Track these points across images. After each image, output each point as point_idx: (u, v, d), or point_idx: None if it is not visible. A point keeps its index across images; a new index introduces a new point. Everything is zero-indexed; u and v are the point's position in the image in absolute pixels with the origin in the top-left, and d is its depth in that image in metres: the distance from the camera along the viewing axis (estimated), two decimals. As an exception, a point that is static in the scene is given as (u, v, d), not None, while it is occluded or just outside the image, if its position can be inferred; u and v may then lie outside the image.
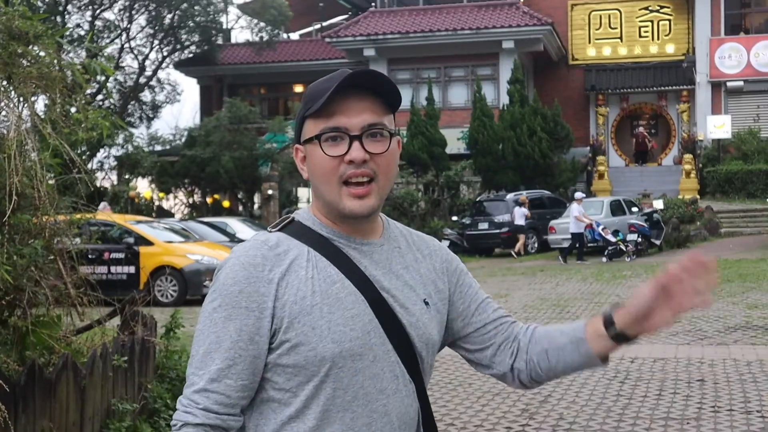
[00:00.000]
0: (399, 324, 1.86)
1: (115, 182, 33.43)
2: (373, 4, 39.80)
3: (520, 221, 25.71)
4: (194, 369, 1.80)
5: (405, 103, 33.20)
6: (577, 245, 22.98)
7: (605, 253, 22.72)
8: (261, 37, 36.80)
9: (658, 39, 36.50)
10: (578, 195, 24.01)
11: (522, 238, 25.74)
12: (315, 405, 1.80)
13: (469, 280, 2.06)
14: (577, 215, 22.77)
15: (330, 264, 1.84)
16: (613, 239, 22.75)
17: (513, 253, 25.54)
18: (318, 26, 43.53)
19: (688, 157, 32.49)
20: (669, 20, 36.49)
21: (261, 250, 1.83)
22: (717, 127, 32.08)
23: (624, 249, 22.61)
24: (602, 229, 22.90)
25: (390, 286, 1.88)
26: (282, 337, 1.79)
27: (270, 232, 1.90)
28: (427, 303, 1.93)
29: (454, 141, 32.10)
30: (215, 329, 1.79)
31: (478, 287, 2.07)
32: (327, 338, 1.78)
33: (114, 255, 16.37)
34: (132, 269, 16.51)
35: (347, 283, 1.83)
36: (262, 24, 36.44)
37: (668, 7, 36.46)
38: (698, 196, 30.46)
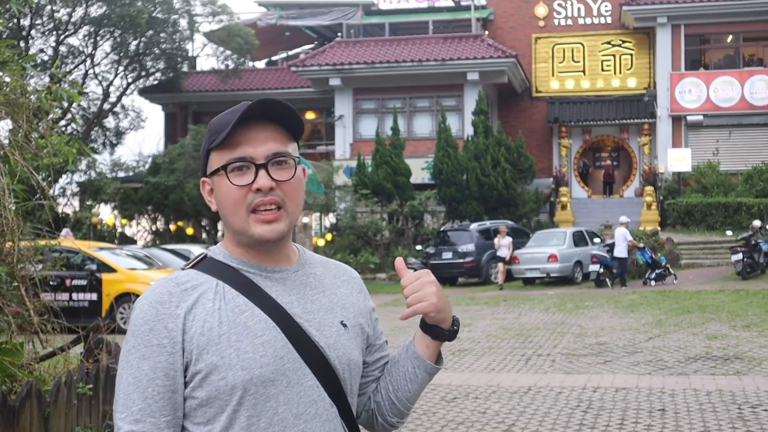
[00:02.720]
0: (315, 347, 1.87)
1: (78, 208, 33.11)
2: (339, 34, 40.02)
3: (503, 252, 24.98)
4: (118, 414, 1.81)
5: (370, 132, 33.60)
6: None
7: (652, 276, 23.08)
8: (227, 65, 36.85)
9: (620, 73, 37.09)
10: (624, 219, 24.10)
11: (502, 267, 25.02)
12: None
13: (376, 316, 2.12)
14: (631, 240, 23.16)
15: (239, 294, 1.86)
16: (663, 262, 23.37)
17: (500, 285, 24.71)
18: (284, 55, 43.66)
19: (649, 189, 32.92)
20: (631, 55, 37.10)
21: (168, 287, 1.85)
22: (677, 160, 32.57)
23: (670, 272, 23.19)
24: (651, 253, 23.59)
25: (304, 310, 1.90)
26: (193, 370, 1.80)
27: (183, 270, 1.92)
28: (344, 324, 1.94)
29: (419, 171, 32.27)
30: (132, 370, 1.80)
31: (381, 328, 2.14)
32: (236, 366, 1.79)
33: (76, 282, 16.21)
34: (94, 296, 16.37)
35: (257, 311, 1.85)
36: (228, 52, 36.49)
37: (630, 42, 37.09)
38: (659, 228, 30.81)
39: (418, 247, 29.65)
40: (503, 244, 25.14)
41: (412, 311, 1.93)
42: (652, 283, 22.92)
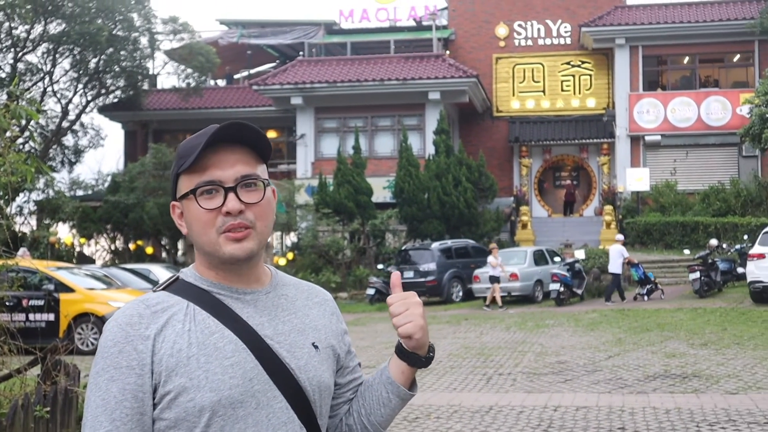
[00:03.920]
0: (286, 369, 1.88)
1: (35, 227, 32.71)
2: (300, 53, 40.06)
3: (493, 271, 23.80)
4: None
5: (331, 151, 33.61)
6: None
7: (643, 292, 23.55)
8: (188, 84, 36.69)
9: (579, 93, 37.51)
10: (620, 237, 24.61)
11: (497, 287, 23.79)
12: None
13: (349, 339, 2.13)
14: (628, 256, 23.76)
15: (209, 316, 1.87)
16: (652, 278, 23.96)
17: (488, 306, 23.61)
18: (245, 73, 43.60)
19: (608, 208, 33.25)
20: (590, 75, 37.56)
21: (138, 309, 1.85)
22: (636, 179, 32.93)
23: (658, 287, 23.79)
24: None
25: (275, 332, 1.90)
26: (162, 391, 1.80)
27: (154, 291, 1.93)
28: (316, 346, 1.96)
29: (380, 190, 32.31)
30: (100, 392, 1.79)
31: (354, 350, 2.14)
32: (205, 387, 1.79)
33: (33, 302, 15.99)
34: (51, 317, 16.15)
35: (227, 332, 1.85)
36: (189, 70, 36.36)
37: (589, 63, 37.55)
38: (618, 247, 31.08)
39: (380, 266, 29.65)
40: (499, 263, 23.93)
41: (399, 332, 1.94)
42: (645, 298, 23.38)
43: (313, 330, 1.98)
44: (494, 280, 23.81)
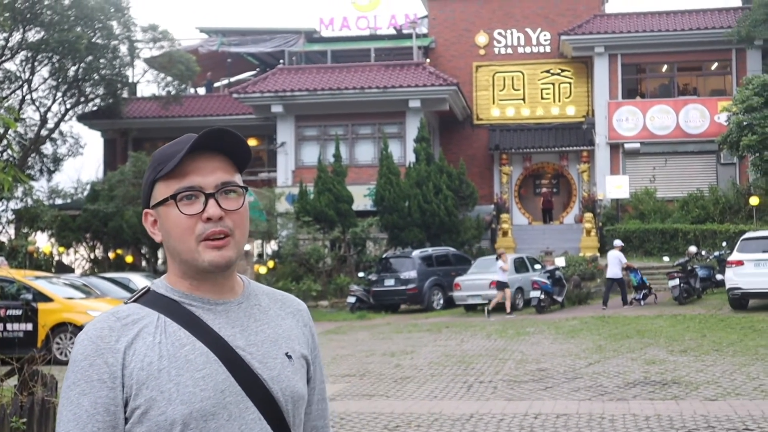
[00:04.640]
0: (258, 380, 1.86)
1: (13, 237, 32.48)
2: (281, 61, 40.04)
3: (502, 276, 23.50)
4: None
5: (312, 159, 33.60)
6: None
7: (639, 297, 23.80)
8: (168, 92, 36.57)
9: (559, 101, 37.67)
10: (618, 242, 24.80)
11: (509, 293, 23.58)
12: None
13: (319, 354, 2.10)
14: (626, 262, 24.17)
15: (180, 328, 1.85)
16: (647, 283, 24.33)
17: (511, 313, 23.19)
18: (226, 81, 43.52)
19: (588, 215, 33.36)
20: (569, 83, 37.73)
21: (108, 321, 1.84)
22: (616, 187, 33.10)
23: (652, 292, 24.17)
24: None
25: (247, 343, 1.89)
26: (132, 405, 1.79)
27: (125, 304, 1.91)
28: (289, 356, 1.94)
29: (361, 198, 32.31)
30: (71, 407, 1.78)
31: (322, 369, 2.11)
32: (176, 400, 1.77)
33: (11, 312, 15.86)
34: (29, 326, 16.02)
35: (198, 344, 1.84)
36: (169, 78, 36.24)
37: (568, 71, 37.73)
38: (598, 254, 31.23)
39: (361, 274, 29.63)
40: (509, 268, 23.69)
41: None
42: (641, 303, 23.63)
43: (286, 340, 1.96)
44: (504, 285, 23.45)
